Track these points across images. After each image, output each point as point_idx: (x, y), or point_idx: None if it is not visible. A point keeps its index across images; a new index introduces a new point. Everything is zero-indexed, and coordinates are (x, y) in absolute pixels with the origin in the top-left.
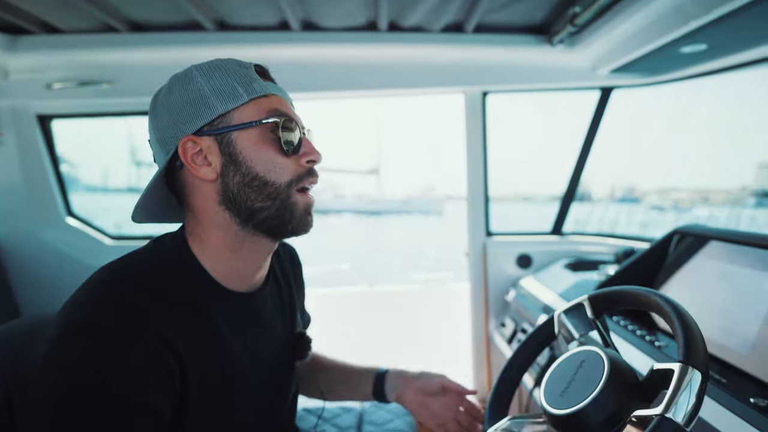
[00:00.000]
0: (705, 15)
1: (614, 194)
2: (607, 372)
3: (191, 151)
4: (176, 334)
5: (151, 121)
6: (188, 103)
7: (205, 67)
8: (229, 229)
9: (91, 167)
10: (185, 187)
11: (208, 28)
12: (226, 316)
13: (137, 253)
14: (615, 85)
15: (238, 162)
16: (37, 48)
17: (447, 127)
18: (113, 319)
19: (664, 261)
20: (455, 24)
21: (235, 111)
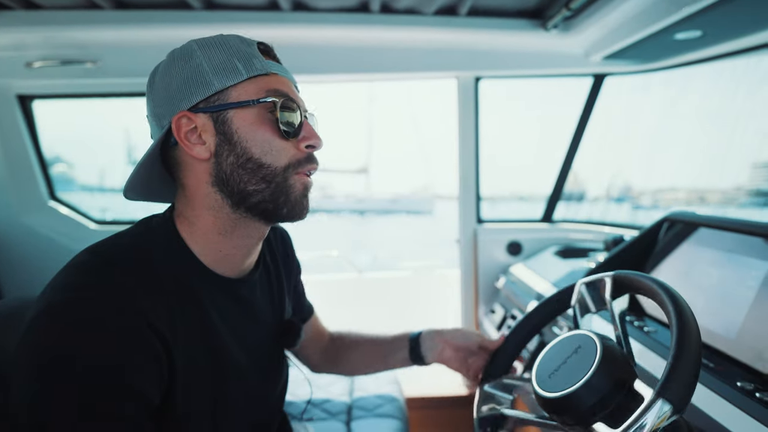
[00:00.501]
0: (700, 1)
1: (610, 193)
2: (599, 357)
3: (185, 128)
4: (162, 318)
5: (148, 95)
6: (185, 79)
7: (205, 42)
8: (220, 212)
9: (88, 167)
10: (178, 165)
11: (195, 7)
12: (214, 302)
13: (122, 235)
14: (608, 72)
15: (233, 142)
16: (16, 24)
17: (438, 128)
18: (94, 302)
19: (653, 248)
20: (448, 7)
21: (233, 88)
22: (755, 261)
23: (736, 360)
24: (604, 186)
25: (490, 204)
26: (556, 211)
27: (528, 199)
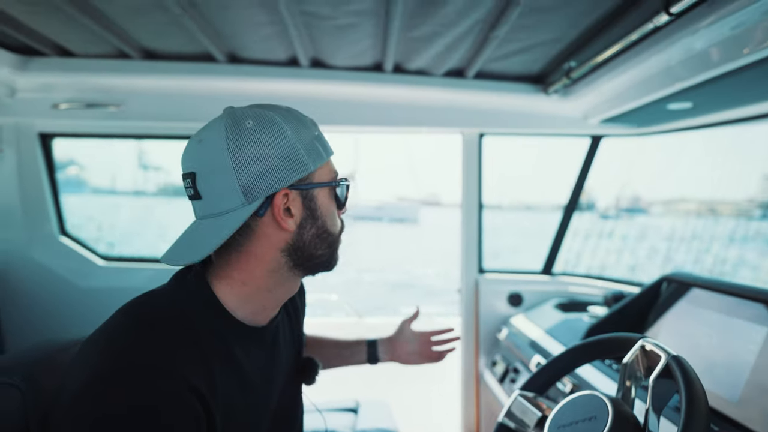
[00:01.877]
0: (692, 77)
1: (619, 204)
2: (611, 408)
3: (283, 204)
4: (202, 379)
5: (233, 161)
6: (284, 156)
7: (289, 119)
8: (277, 272)
9: (100, 170)
10: (251, 234)
11: (219, 60)
12: (246, 353)
13: (158, 295)
14: (604, 134)
15: (316, 216)
16: (48, 69)
17: (425, 141)
18: (139, 370)
19: (652, 305)
20: (457, 69)
21: (318, 169)
22: (752, 325)
23: (740, 424)
24: (614, 196)
25: (492, 212)
26: (556, 263)
27: (535, 208)
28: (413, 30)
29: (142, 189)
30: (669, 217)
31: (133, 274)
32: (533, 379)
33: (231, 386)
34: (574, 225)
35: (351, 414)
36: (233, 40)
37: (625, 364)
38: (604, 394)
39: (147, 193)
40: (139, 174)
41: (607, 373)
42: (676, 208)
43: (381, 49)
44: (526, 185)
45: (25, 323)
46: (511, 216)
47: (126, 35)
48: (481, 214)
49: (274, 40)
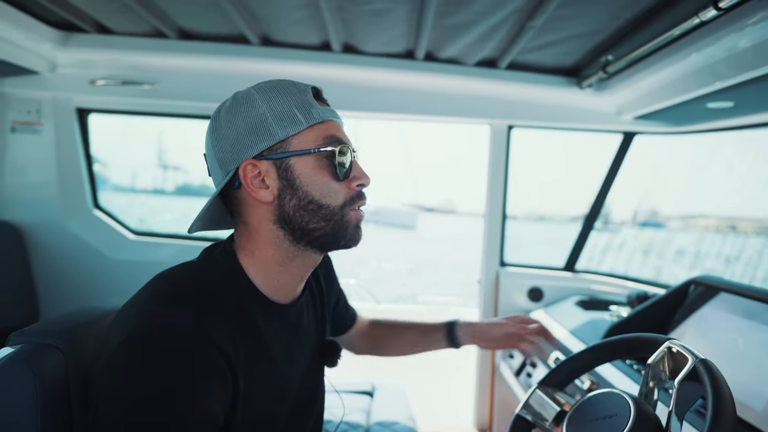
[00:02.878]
0: (735, 76)
1: (637, 218)
2: (633, 406)
3: (250, 174)
4: (228, 343)
5: (212, 139)
6: (250, 128)
7: (265, 90)
8: (281, 246)
9: (121, 168)
10: (240, 205)
11: (253, 42)
12: (269, 327)
13: (189, 266)
14: (638, 131)
15: (294, 186)
16: (88, 46)
17: (426, 147)
18: (171, 330)
19: (677, 308)
20: (489, 59)
21: (294, 137)
22: None
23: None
24: (631, 209)
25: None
26: (579, 260)
27: (549, 219)
28: (448, 17)
29: (161, 188)
30: (683, 232)
31: (161, 249)
32: (554, 373)
33: (253, 356)
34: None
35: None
36: (267, 22)
37: (649, 364)
38: (627, 393)
39: (166, 192)
40: (158, 173)
41: (628, 373)
42: (695, 224)
43: (414, 37)
44: (542, 195)
45: (58, 291)
46: (521, 227)
47: (164, 15)
48: (505, 207)
49: (308, 23)
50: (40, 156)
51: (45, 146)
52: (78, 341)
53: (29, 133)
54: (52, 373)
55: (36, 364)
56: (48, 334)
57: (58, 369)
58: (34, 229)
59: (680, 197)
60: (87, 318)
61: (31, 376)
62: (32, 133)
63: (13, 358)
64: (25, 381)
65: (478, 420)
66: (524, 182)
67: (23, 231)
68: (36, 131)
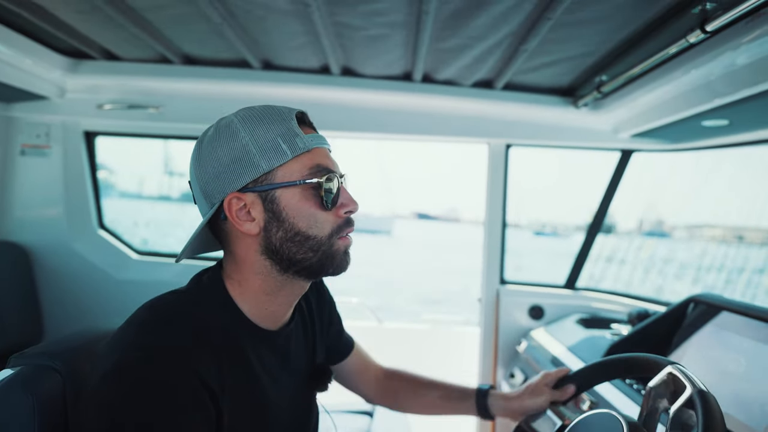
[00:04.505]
0: (730, 94)
1: (642, 227)
2: (622, 420)
3: (236, 207)
4: (212, 374)
5: (195, 168)
6: (233, 160)
7: (247, 119)
8: (268, 276)
9: (128, 175)
10: (228, 236)
11: (254, 66)
12: (257, 354)
13: (179, 294)
14: (635, 148)
15: (281, 218)
16: (95, 72)
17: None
18: (154, 364)
19: (678, 326)
20: (486, 80)
21: (279, 168)
22: None
23: None
24: (637, 219)
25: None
26: (579, 278)
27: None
28: (443, 42)
29: (167, 194)
30: (688, 242)
31: (164, 268)
32: (570, 377)
33: (240, 384)
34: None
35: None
36: (268, 48)
37: (650, 387)
38: (625, 417)
39: (172, 199)
40: (164, 179)
41: (629, 394)
42: (701, 234)
43: (411, 60)
44: (544, 209)
45: (63, 311)
46: (523, 238)
47: (169, 42)
48: (504, 224)
49: (307, 48)
50: (48, 178)
51: (53, 169)
52: (77, 363)
53: (38, 156)
54: (50, 396)
55: (34, 386)
56: (47, 356)
57: (56, 391)
58: (40, 250)
59: (685, 208)
60: (86, 339)
61: (29, 398)
62: (41, 156)
63: (12, 380)
64: (24, 403)
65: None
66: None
67: (30, 252)
68: (44, 154)
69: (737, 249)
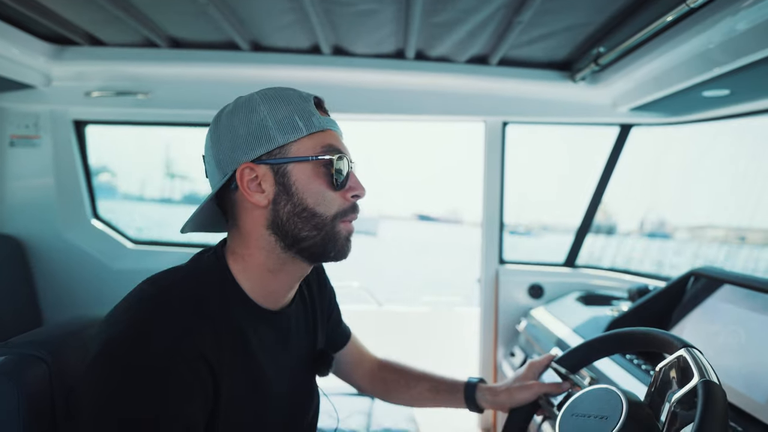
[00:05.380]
0: (731, 62)
1: (644, 228)
2: (625, 412)
3: (247, 177)
4: (211, 347)
5: (211, 140)
6: (250, 132)
7: (268, 96)
8: (272, 252)
9: (130, 177)
10: (235, 208)
11: (243, 48)
12: (256, 333)
13: (178, 269)
14: (634, 122)
15: (290, 192)
16: (81, 58)
17: (387, 149)
18: (154, 336)
19: (678, 301)
20: (480, 56)
21: (293, 143)
22: None
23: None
24: (637, 220)
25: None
26: (579, 256)
27: (552, 229)
28: (434, 16)
29: (169, 197)
30: (690, 243)
31: (160, 257)
32: (569, 354)
33: (237, 360)
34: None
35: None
36: (256, 28)
37: (659, 369)
38: (628, 396)
39: (173, 201)
40: (166, 182)
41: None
42: (703, 235)
43: (402, 36)
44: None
45: (60, 301)
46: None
47: (153, 24)
48: (502, 205)
49: (296, 27)
50: (39, 169)
51: (43, 159)
52: (64, 352)
53: (28, 147)
54: (35, 385)
55: (19, 375)
56: (32, 345)
57: (42, 380)
58: (35, 241)
59: (685, 205)
60: (74, 328)
61: (13, 387)
62: (30, 146)
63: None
64: (8, 393)
65: (482, 420)
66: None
67: (24, 243)
68: (34, 144)
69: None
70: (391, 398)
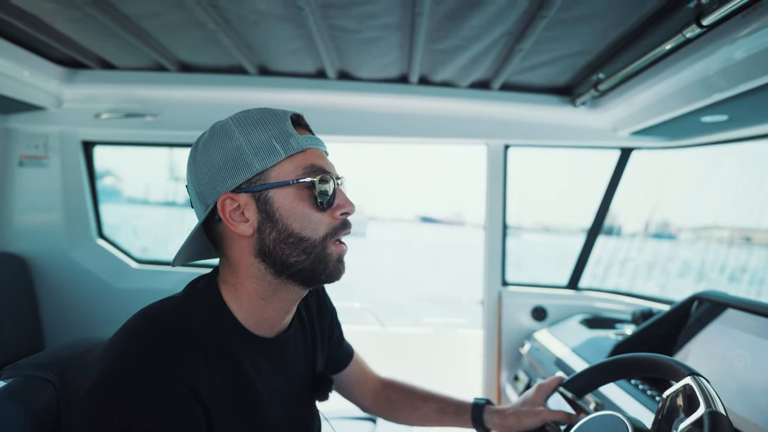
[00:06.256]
0: (730, 89)
1: (648, 229)
2: (627, 422)
3: (229, 208)
4: (203, 381)
5: (190, 172)
6: (227, 161)
7: (242, 121)
8: (263, 279)
9: (134, 181)
10: (222, 239)
11: (250, 72)
12: (252, 362)
13: (172, 300)
14: (635, 146)
15: (274, 219)
16: (92, 81)
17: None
18: (142, 372)
19: (682, 325)
20: (482, 81)
21: (272, 168)
22: None
23: None
24: (642, 220)
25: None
26: (582, 278)
27: (554, 230)
28: (438, 43)
29: (173, 200)
30: (694, 245)
31: (164, 277)
32: (576, 378)
33: (233, 391)
34: None
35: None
36: (264, 53)
37: (666, 397)
38: (634, 423)
39: (177, 204)
40: (170, 185)
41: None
42: (708, 236)
43: (407, 62)
44: (548, 206)
45: (63, 320)
46: (527, 239)
47: (164, 49)
48: (505, 226)
49: (303, 53)
50: (47, 188)
51: (51, 179)
52: (70, 374)
53: (36, 167)
54: (42, 407)
55: (26, 398)
56: (40, 367)
57: (49, 402)
58: (40, 260)
59: (690, 207)
60: (80, 350)
61: (21, 410)
62: (39, 166)
63: (4, 392)
64: (16, 415)
65: None
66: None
67: (29, 262)
68: (43, 164)
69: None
70: (396, 418)
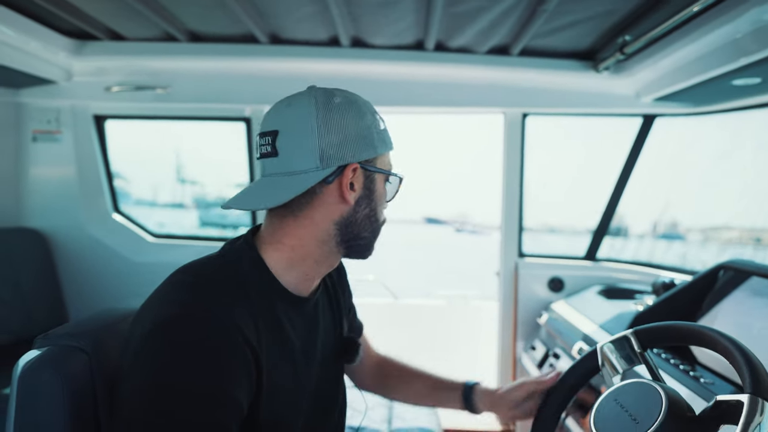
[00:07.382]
0: (763, 50)
1: (657, 230)
2: (665, 406)
3: (351, 177)
4: (252, 331)
5: (317, 128)
6: (360, 135)
7: (369, 107)
8: (326, 244)
9: (142, 182)
10: (312, 198)
11: (262, 41)
12: (290, 319)
13: (210, 257)
14: (658, 113)
15: (371, 198)
16: (101, 53)
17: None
18: (199, 316)
19: (705, 295)
20: (501, 47)
21: (380, 156)
22: None
23: None
24: (651, 221)
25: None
26: (600, 248)
27: (559, 231)
28: (457, 5)
29: (180, 201)
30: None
31: (180, 250)
32: (653, 329)
33: (276, 346)
34: None
35: None
36: (275, 20)
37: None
38: (665, 389)
39: (184, 206)
40: (177, 188)
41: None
42: (718, 236)
43: (423, 27)
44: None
45: (84, 294)
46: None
47: (173, 18)
48: (522, 197)
49: (316, 19)
50: (61, 163)
51: (65, 154)
52: (102, 343)
53: (49, 142)
54: (78, 375)
55: (62, 365)
56: (73, 336)
57: (83, 370)
58: (58, 235)
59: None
60: (111, 320)
61: (58, 377)
62: (52, 141)
63: (41, 359)
64: (53, 382)
65: None
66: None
67: (48, 237)
68: (56, 139)
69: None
70: (390, 394)
